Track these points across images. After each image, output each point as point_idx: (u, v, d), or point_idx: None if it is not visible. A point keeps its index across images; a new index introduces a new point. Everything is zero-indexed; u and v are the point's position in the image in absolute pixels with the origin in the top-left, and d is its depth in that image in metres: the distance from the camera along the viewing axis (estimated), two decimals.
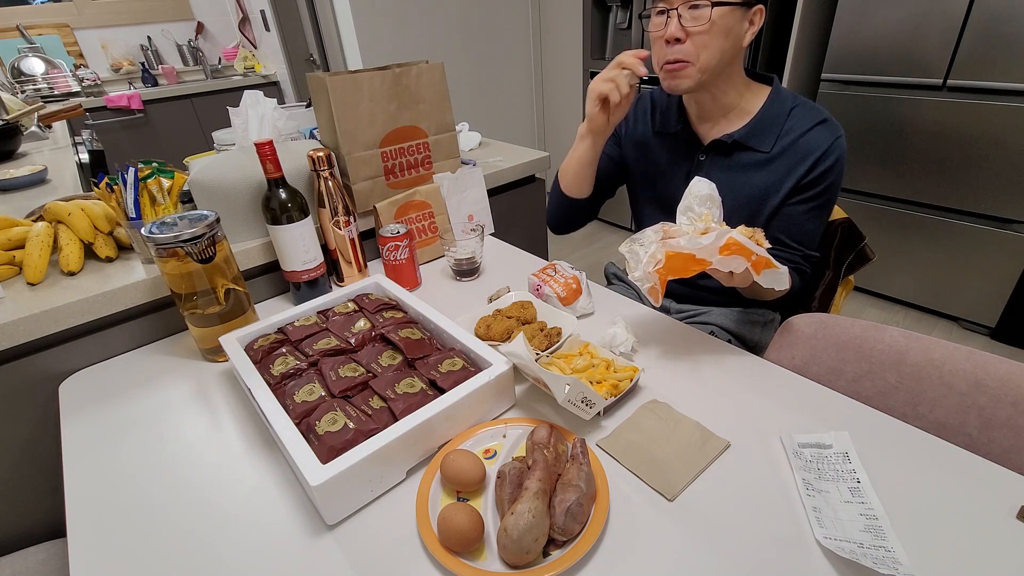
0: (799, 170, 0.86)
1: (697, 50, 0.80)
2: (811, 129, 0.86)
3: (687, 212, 0.73)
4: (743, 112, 0.90)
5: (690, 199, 0.73)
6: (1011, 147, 1.69)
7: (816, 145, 0.85)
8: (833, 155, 0.85)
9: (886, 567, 0.45)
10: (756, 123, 0.89)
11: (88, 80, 3.03)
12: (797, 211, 0.89)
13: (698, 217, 0.72)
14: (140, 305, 0.88)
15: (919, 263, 2.04)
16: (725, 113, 0.91)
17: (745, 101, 0.90)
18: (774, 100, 0.89)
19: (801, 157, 0.86)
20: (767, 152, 0.88)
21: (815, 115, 0.87)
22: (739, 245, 0.65)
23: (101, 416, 0.75)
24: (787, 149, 0.87)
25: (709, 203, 0.72)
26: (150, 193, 0.87)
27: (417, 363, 0.71)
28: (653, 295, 0.70)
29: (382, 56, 2.63)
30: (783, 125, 0.88)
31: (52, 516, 0.91)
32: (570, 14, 2.98)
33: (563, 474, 0.55)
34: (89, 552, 0.55)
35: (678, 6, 0.78)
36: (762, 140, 0.89)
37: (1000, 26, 1.60)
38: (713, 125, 0.93)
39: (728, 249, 0.66)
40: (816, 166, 0.85)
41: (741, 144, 0.90)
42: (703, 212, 0.71)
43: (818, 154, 0.85)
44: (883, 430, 0.63)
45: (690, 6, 0.78)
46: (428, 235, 1.13)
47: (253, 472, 0.64)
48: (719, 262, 0.67)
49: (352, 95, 0.99)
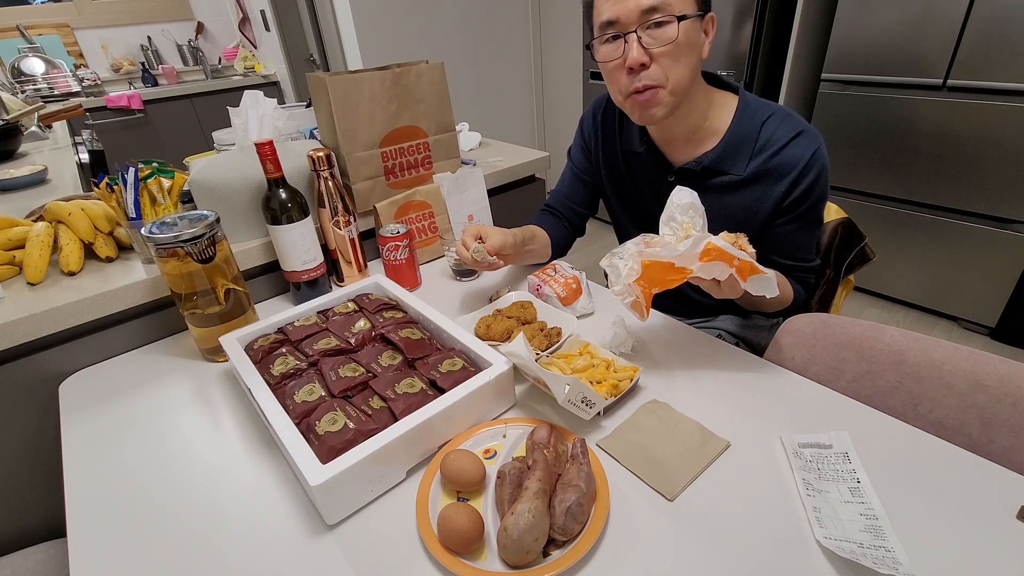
0: (777, 191, 0.80)
1: (665, 72, 0.73)
2: (787, 144, 0.79)
3: (669, 222, 0.69)
4: (709, 132, 0.83)
5: (672, 209, 0.69)
6: (1011, 147, 1.69)
7: (794, 163, 0.78)
8: (814, 170, 0.78)
9: (886, 567, 0.45)
10: (726, 145, 0.82)
11: (88, 80, 3.03)
12: (785, 231, 0.84)
13: (679, 227, 0.68)
14: (140, 305, 0.88)
15: (919, 263, 2.04)
16: (692, 135, 0.84)
17: (712, 119, 0.83)
18: (743, 115, 0.81)
19: (778, 177, 0.80)
20: (740, 175, 0.82)
21: (790, 127, 0.79)
22: (718, 250, 0.62)
23: (101, 416, 0.75)
24: (762, 169, 0.80)
25: (691, 212, 0.68)
26: (150, 193, 0.87)
27: (417, 363, 0.71)
28: (637, 310, 0.67)
29: (382, 56, 2.63)
30: (755, 143, 0.80)
31: (52, 516, 0.91)
32: (570, 14, 2.98)
33: (563, 474, 0.55)
34: (89, 552, 0.55)
35: (634, 28, 0.71)
36: (733, 163, 0.82)
37: (1000, 26, 1.60)
38: (679, 148, 0.86)
39: (708, 255, 0.63)
40: (796, 185, 0.79)
41: (711, 170, 0.83)
42: (685, 221, 0.68)
43: (796, 172, 0.78)
44: (883, 430, 0.63)
45: (650, 25, 0.70)
46: (428, 235, 1.13)
47: (253, 472, 0.64)
48: (700, 269, 0.63)
49: (352, 95, 0.99)
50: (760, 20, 2.10)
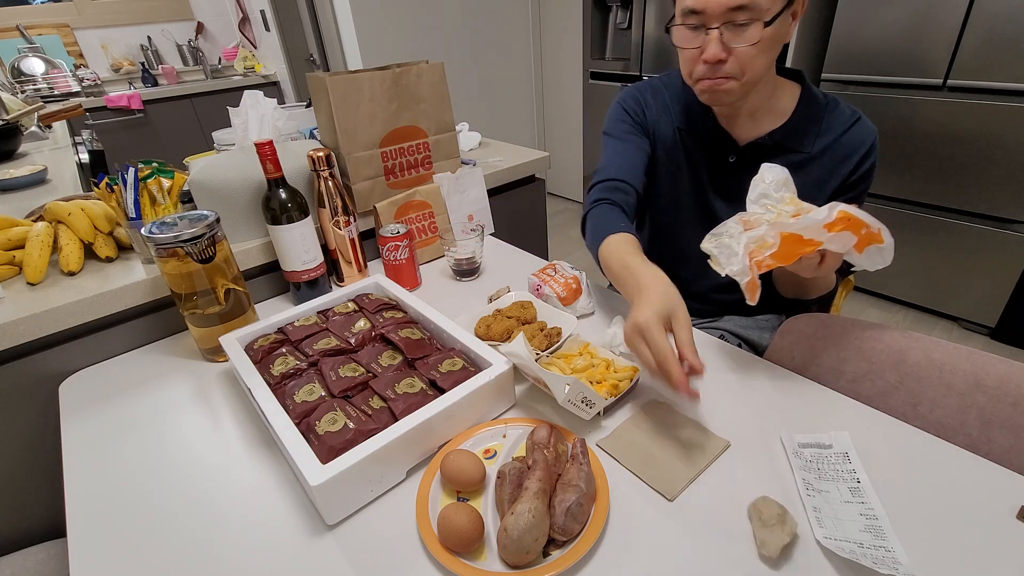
0: (843, 169, 0.83)
1: (742, 67, 0.73)
2: (852, 126, 0.83)
3: (760, 200, 0.66)
4: (773, 111, 0.85)
5: (763, 186, 0.66)
6: (1011, 147, 1.69)
7: (860, 141, 0.82)
8: (875, 152, 0.83)
9: (886, 567, 0.45)
10: (795, 122, 0.84)
11: (88, 80, 3.03)
12: None
13: (780, 201, 0.65)
14: (140, 305, 0.88)
15: (919, 263, 2.04)
16: (753, 112, 0.85)
17: (776, 100, 0.85)
18: (809, 98, 0.85)
19: (845, 156, 0.83)
20: (808, 152, 0.84)
21: (850, 112, 0.84)
22: (851, 217, 0.59)
23: (101, 416, 0.75)
24: (829, 148, 0.84)
25: (787, 187, 0.66)
26: (150, 193, 0.87)
27: (417, 363, 0.71)
28: (752, 290, 0.63)
29: (382, 56, 2.63)
30: (821, 123, 0.84)
31: (52, 516, 0.91)
32: (570, 14, 2.98)
33: (563, 474, 0.55)
34: (89, 552, 0.55)
35: (719, 25, 0.69)
36: (802, 140, 0.84)
37: (1000, 26, 1.60)
38: (743, 125, 0.87)
39: (840, 224, 0.59)
40: (861, 164, 0.83)
41: (781, 145, 0.85)
42: (785, 196, 0.65)
43: (863, 152, 0.82)
44: (883, 430, 0.63)
45: (732, 24, 0.69)
46: (428, 235, 1.13)
47: (253, 472, 0.64)
48: (829, 240, 0.60)
49: (352, 95, 0.99)
50: None
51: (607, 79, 2.73)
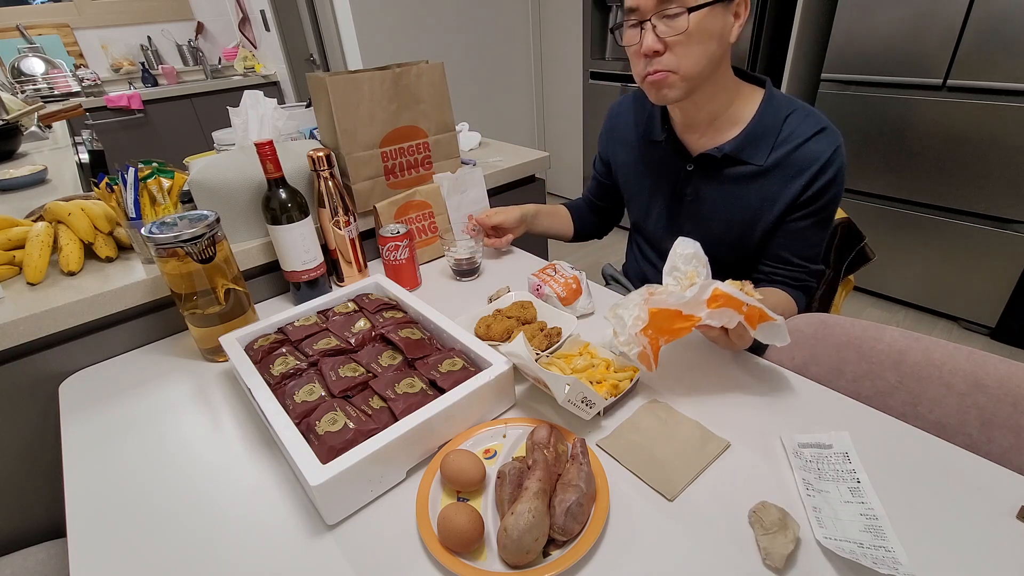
0: (796, 184, 0.81)
1: (678, 60, 0.75)
2: (809, 139, 0.80)
3: (672, 272, 0.69)
4: (733, 120, 0.84)
5: (675, 259, 0.69)
6: (1011, 147, 1.69)
7: (814, 158, 0.79)
8: (833, 167, 0.79)
9: (886, 567, 0.45)
10: (748, 134, 0.83)
11: (88, 80, 3.03)
12: (798, 227, 0.85)
13: (683, 276, 0.67)
14: (140, 305, 0.88)
15: (919, 263, 2.04)
16: (712, 121, 0.85)
17: (736, 108, 0.84)
18: (768, 107, 0.83)
19: (798, 171, 0.81)
20: (760, 165, 0.83)
21: (813, 122, 0.81)
22: (727, 296, 0.61)
23: (101, 416, 0.75)
24: (783, 161, 0.81)
25: (695, 262, 0.68)
26: (150, 193, 0.87)
27: (417, 363, 0.71)
28: (644, 361, 0.66)
29: (382, 56, 2.63)
30: (778, 134, 0.82)
31: (52, 516, 0.91)
32: (570, 14, 2.98)
33: (563, 474, 0.55)
34: (89, 552, 0.55)
35: (651, 16, 0.73)
36: (755, 152, 0.83)
37: (1000, 26, 1.60)
38: (701, 135, 0.87)
39: (716, 301, 0.62)
40: (815, 180, 0.80)
41: (731, 157, 0.84)
42: (688, 271, 0.67)
43: (817, 167, 0.79)
44: (883, 430, 0.63)
45: (663, 15, 0.72)
46: (428, 235, 1.13)
47: (253, 472, 0.64)
48: (708, 316, 0.63)
49: (352, 95, 0.99)
50: (760, 20, 2.10)
51: (607, 79, 2.73)
